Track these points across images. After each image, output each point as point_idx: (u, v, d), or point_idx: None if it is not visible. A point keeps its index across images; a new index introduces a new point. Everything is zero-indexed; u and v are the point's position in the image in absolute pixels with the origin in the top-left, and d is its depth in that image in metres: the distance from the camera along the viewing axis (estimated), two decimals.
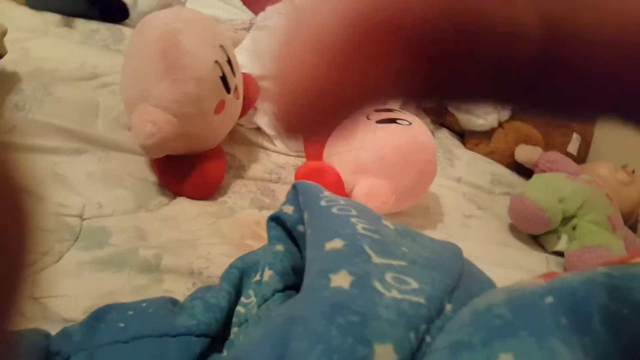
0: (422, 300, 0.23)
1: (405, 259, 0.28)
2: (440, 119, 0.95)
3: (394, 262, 0.27)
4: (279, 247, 0.37)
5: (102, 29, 0.85)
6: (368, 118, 0.63)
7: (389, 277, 0.25)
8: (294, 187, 0.40)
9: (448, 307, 0.24)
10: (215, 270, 0.48)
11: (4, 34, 0.61)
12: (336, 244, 0.27)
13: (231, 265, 0.42)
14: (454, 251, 0.33)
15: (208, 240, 0.53)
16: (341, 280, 0.24)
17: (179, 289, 0.47)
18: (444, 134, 0.94)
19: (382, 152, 0.59)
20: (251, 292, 0.38)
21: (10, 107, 0.57)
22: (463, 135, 0.94)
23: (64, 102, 0.61)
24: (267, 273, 0.36)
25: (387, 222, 0.33)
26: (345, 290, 0.23)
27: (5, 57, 0.62)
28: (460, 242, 0.33)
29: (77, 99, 0.63)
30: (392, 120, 0.62)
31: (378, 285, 0.24)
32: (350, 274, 0.24)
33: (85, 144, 0.60)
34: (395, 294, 0.23)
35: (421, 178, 0.61)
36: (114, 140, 0.62)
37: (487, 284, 0.31)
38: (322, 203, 0.33)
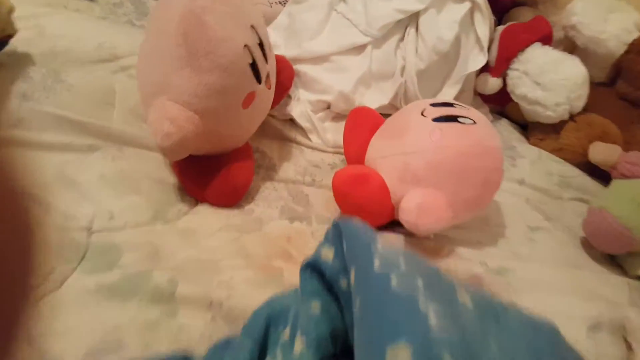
0: None
1: None
2: (501, 107, 0.84)
3: None
4: (315, 307, 0.29)
5: (125, 2, 0.78)
6: (423, 114, 0.53)
7: None
8: (336, 226, 0.32)
9: None
10: (238, 302, 0.41)
11: (11, 11, 0.54)
12: (402, 351, 0.19)
13: (256, 313, 0.34)
14: (549, 336, 0.24)
15: (231, 261, 0.45)
16: None
17: (196, 324, 0.40)
18: (504, 126, 0.82)
19: (438, 158, 0.50)
20: (279, 354, 0.30)
21: (18, 96, 0.50)
22: (525, 127, 0.82)
23: (76, 90, 0.54)
24: (299, 341, 0.28)
25: (463, 296, 0.24)
26: None
27: (17, 36, 0.55)
28: (526, 264, 0.24)
29: (91, 85, 0.56)
30: (453, 118, 0.52)
31: None
32: None
33: (99, 139, 0.53)
34: None
35: (485, 188, 0.52)
36: (130, 134, 0.54)
37: None
38: (376, 265, 0.25)
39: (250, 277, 0.44)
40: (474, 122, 0.52)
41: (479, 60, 0.72)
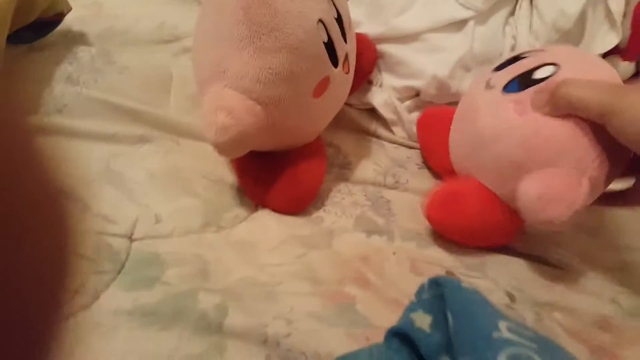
0: None
1: None
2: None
3: None
4: None
5: None
6: (489, 85, 0.42)
7: None
8: (434, 286, 0.23)
9: None
10: (298, 341, 0.33)
11: None
12: None
13: None
14: None
15: (293, 286, 0.37)
16: None
17: None
18: None
19: (530, 132, 0.38)
20: None
21: (62, 79, 0.45)
22: None
23: (128, 73, 0.48)
24: None
25: None
26: None
27: (72, 15, 0.50)
28: None
29: (146, 69, 0.50)
30: (528, 76, 0.39)
31: None
32: None
33: (152, 129, 0.46)
34: None
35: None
36: (187, 124, 0.48)
37: None
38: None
39: (317, 308, 0.35)
40: (558, 66, 0.39)
41: (609, 39, 0.57)
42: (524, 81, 0.40)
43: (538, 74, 0.39)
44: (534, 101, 0.38)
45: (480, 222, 0.41)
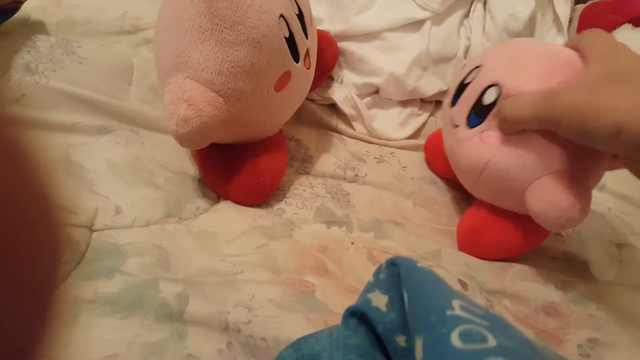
0: None
1: None
2: None
3: None
4: None
5: None
6: (455, 124, 0.44)
7: None
8: (392, 265, 0.24)
9: None
10: (259, 328, 0.33)
11: None
12: None
13: (280, 358, 0.27)
14: None
15: (253, 274, 0.38)
16: None
17: (207, 352, 0.32)
18: None
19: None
20: None
21: (20, 69, 0.44)
22: None
23: (89, 63, 0.47)
24: None
25: None
26: None
27: (31, 3, 0.49)
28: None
29: (107, 59, 0.49)
30: (482, 108, 0.41)
31: None
32: None
33: (112, 119, 0.46)
34: None
35: None
36: (148, 115, 0.48)
37: None
38: (455, 341, 0.17)
39: (277, 295, 0.36)
40: (498, 86, 0.40)
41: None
42: (480, 111, 0.41)
43: (486, 100, 0.41)
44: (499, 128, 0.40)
45: (508, 243, 0.45)
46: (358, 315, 0.25)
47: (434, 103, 0.61)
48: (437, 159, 0.53)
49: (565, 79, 0.38)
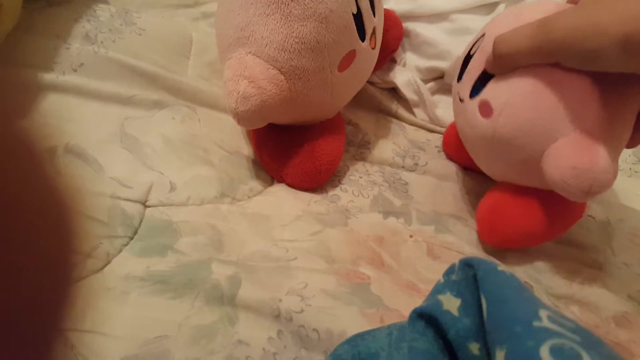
0: None
1: None
2: None
3: None
4: None
5: None
6: (462, 99, 0.40)
7: None
8: (466, 266, 0.21)
9: None
10: (311, 319, 0.32)
11: None
12: None
13: (334, 355, 0.25)
14: None
15: (307, 262, 0.36)
16: None
17: (258, 339, 0.31)
18: None
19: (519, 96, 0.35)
20: None
21: (79, 38, 0.43)
22: None
23: (148, 35, 0.46)
24: None
25: None
26: None
27: None
28: None
29: (165, 31, 0.48)
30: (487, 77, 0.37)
31: None
32: None
33: (169, 94, 0.45)
34: None
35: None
36: (205, 92, 0.46)
37: None
38: (544, 356, 0.14)
39: (331, 286, 0.34)
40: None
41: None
42: (485, 81, 0.37)
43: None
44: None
45: (530, 222, 0.40)
46: (426, 318, 0.23)
47: None
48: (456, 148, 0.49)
49: None
